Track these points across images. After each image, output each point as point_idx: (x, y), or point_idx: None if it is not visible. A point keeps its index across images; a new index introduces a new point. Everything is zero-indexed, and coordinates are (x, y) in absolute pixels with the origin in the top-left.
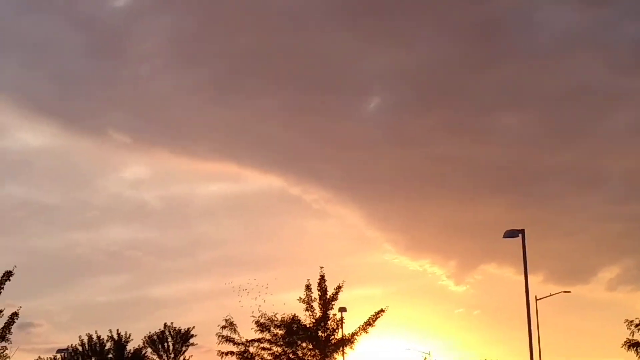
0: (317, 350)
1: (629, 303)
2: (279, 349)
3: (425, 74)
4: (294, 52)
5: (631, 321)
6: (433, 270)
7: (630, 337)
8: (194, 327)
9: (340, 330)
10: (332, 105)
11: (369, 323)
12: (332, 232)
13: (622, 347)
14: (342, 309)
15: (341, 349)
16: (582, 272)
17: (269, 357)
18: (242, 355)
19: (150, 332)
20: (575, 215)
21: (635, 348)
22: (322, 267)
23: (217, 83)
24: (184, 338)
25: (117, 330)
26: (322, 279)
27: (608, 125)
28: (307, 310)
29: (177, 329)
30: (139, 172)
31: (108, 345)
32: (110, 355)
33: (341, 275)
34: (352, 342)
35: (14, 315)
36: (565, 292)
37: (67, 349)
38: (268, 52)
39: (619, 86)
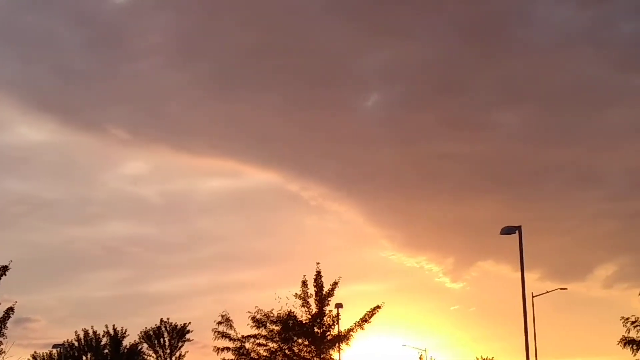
0: (312, 347)
1: (625, 300)
2: (275, 345)
3: (425, 70)
4: (294, 47)
5: (627, 318)
6: (430, 267)
7: (626, 335)
8: (190, 323)
9: (336, 326)
10: (331, 101)
11: (364, 319)
12: (329, 229)
13: (618, 344)
14: (339, 305)
15: (337, 345)
16: (579, 269)
17: (264, 353)
18: (238, 351)
19: (146, 328)
20: (572, 213)
21: (631, 345)
22: (318, 263)
23: (217, 79)
24: (180, 334)
25: (114, 325)
26: (318, 274)
27: (606, 122)
28: (303, 306)
29: (173, 324)
30: (138, 168)
31: (104, 340)
32: (106, 351)
33: (338, 271)
34: (347, 339)
35: (10, 310)
36: (561, 289)
37: (63, 344)
38: (268, 47)
39: (617, 83)
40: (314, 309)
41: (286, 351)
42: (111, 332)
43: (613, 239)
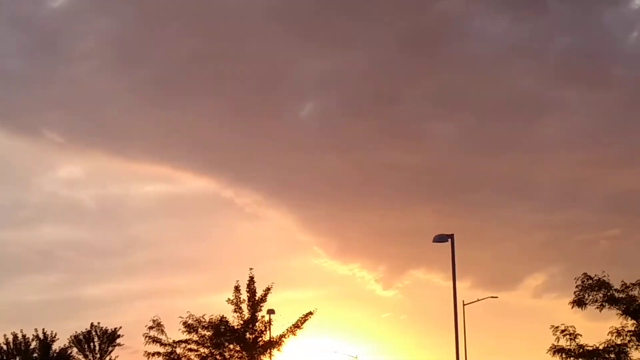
0: (244, 352)
1: (554, 310)
2: (206, 350)
3: (362, 80)
4: (232, 54)
5: (557, 327)
6: (362, 274)
7: (556, 343)
8: (120, 328)
9: (268, 332)
10: (268, 108)
11: (296, 325)
12: (263, 235)
13: (548, 352)
14: (271, 311)
15: (268, 351)
16: (509, 279)
17: (195, 359)
18: (169, 356)
19: (76, 332)
20: (503, 223)
21: (560, 354)
22: (251, 269)
23: (154, 85)
24: (110, 338)
25: (43, 329)
26: (251, 280)
27: (539, 134)
28: (235, 311)
29: (103, 329)
30: (73, 172)
31: (33, 344)
32: (35, 355)
33: (271, 277)
34: (279, 345)
35: None
36: (492, 297)
37: None
38: (206, 54)
39: (550, 97)
40: (246, 314)
41: (217, 357)
42: (41, 336)
43: (543, 249)
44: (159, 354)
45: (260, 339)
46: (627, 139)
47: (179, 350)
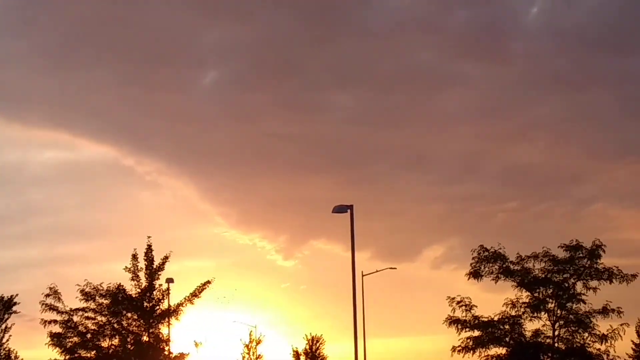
0: (142, 320)
1: (453, 281)
2: (104, 319)
3: (261, 50)
4: (130, 23)
5: (453, 298)
6: (263, 244)
7: (452, 314)
8: (17, 295)
9: (166, 300)
10: (167, 77)
11: (194, 294)
12: (164, 204)
13: (444, 323)
14: (169, 280)
15: (166, 319)
16: (409, 250)
17: (93, 327)
18: (66, 324)
19: None
20: (402, 195)
21: (455, 324)
22: (149, 237)
23: (52, 51)
24: (6, 306)
25: None
26: (149, 248)
27: (437, 107)
28: (133, 279)
29: None
30: None
31: None
32: None
33: (172, 246)
34: (177, 313)
35: None
36: (391, 268)
37: None
38: (104, 22)
39: (449, 71)
40: (143, 282)
41: (115, 325)
42: None
43: (442, 221)
44: (55, 321)
45: (158, 307)
46: (525, 112)
47: (76, 319)
